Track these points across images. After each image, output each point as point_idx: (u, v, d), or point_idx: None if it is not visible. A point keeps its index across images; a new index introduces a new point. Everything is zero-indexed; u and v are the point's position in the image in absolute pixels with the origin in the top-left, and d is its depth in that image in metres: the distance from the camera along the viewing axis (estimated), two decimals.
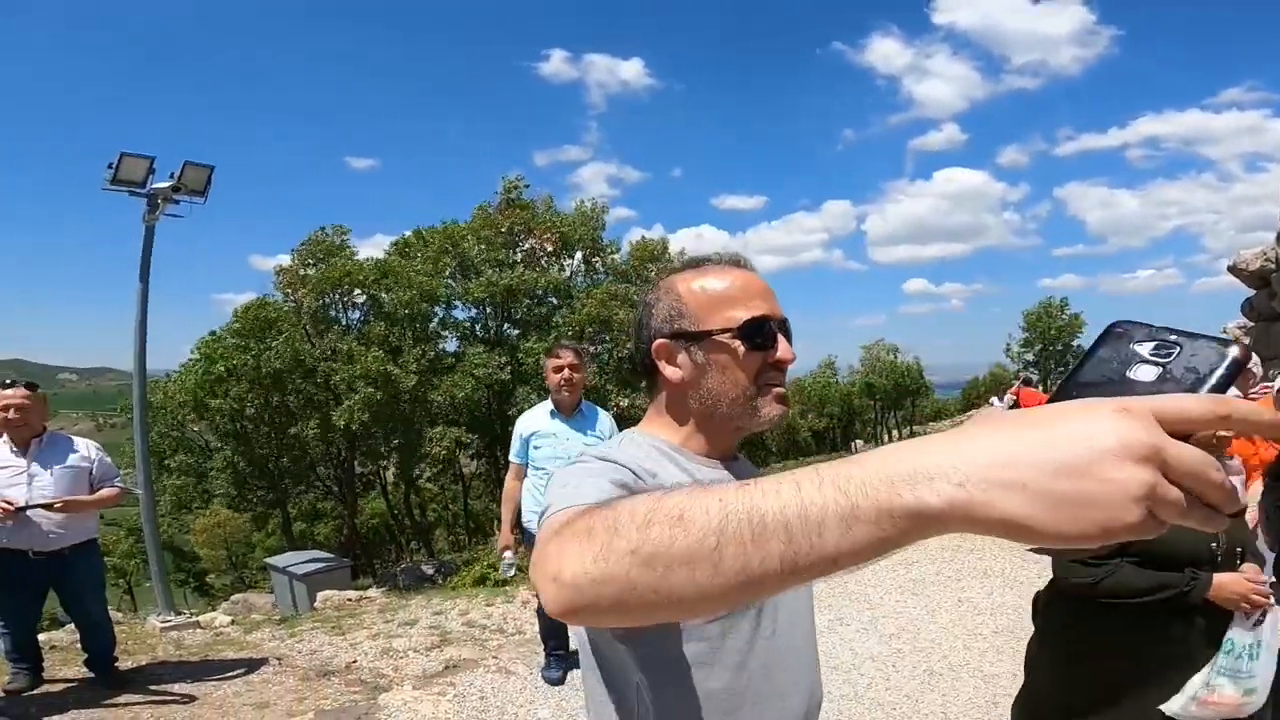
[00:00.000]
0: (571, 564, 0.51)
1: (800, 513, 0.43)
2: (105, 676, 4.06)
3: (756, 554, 0.44)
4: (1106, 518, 0.38)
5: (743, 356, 0.98)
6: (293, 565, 8.51)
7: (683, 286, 1.03)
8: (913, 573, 6.16)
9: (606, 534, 0.50)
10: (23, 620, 3.91)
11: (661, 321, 1.02)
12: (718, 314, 0.99)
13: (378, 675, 4.23)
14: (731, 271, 1.03)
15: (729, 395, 0.99)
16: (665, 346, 1.01)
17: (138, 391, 6.66)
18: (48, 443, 3.83)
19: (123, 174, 6.23)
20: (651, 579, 0.47)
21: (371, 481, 25.58)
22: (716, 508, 0.46)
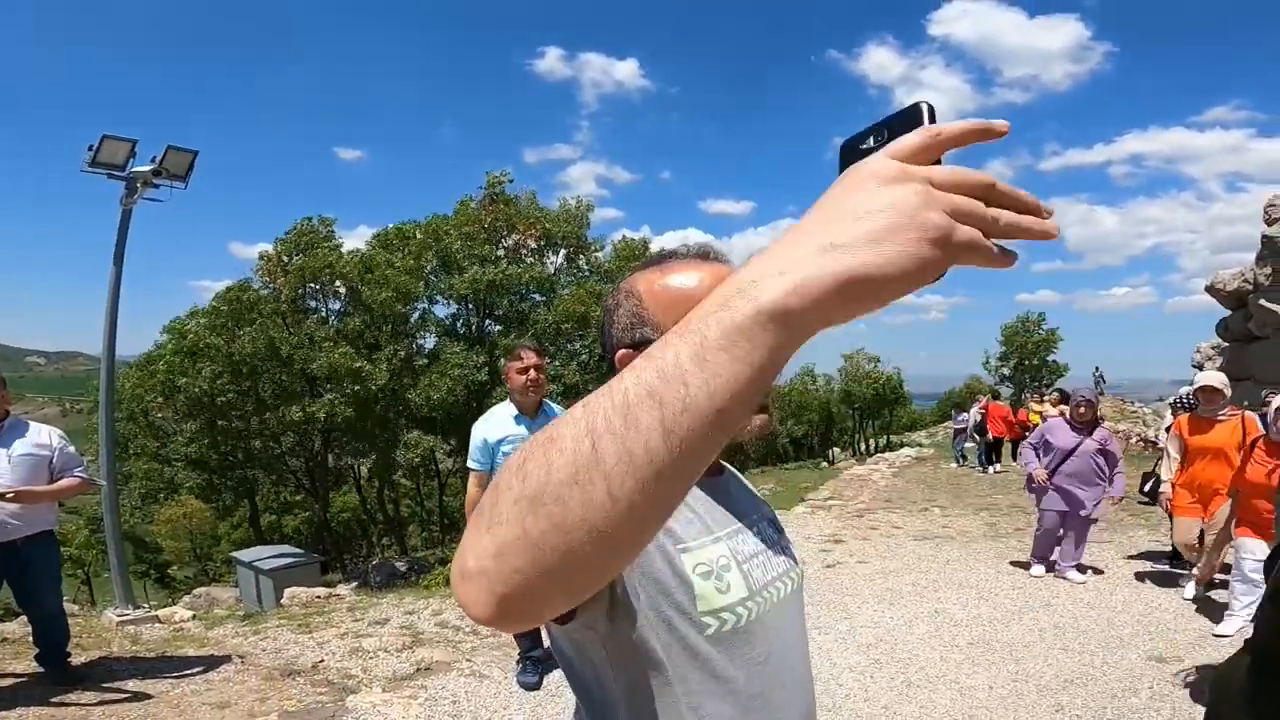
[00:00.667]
0: (470, 550, 0.44)
1: (658, 373, 0.40)
2: (57, 672, 3.90)
3: (635, 437, 0.40)
4: (917, 230, 0.39)
5: None
6: (259, 560, 8.33)
7: (644, 287, 0.90)
8: (890, 583, 6.15)
9: (490, 499, 0.44)
10: None
11: (623, 330, 0.90)
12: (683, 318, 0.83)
13: (345, 676, 4.10)
14: (699, 266, 0.89)
15: None
16: (628, 357, 0.88)
17: (105, 377, 6.46)
18: (7, 429, 3.66)
19: (103, 156, 6.10)
20: (548, 521, 0.41)
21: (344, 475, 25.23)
22: (580, 411, 0.42)
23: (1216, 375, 5.38)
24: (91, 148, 6.07)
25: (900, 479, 12.36)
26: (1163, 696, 3.80)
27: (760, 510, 1.02)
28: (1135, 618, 5.06)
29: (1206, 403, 5.20)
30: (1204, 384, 5.24)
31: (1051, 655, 4.42)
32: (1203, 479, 5.13)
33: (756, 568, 0.90)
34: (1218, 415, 5.17)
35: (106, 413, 6.38)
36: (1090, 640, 4.66)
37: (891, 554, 7.19)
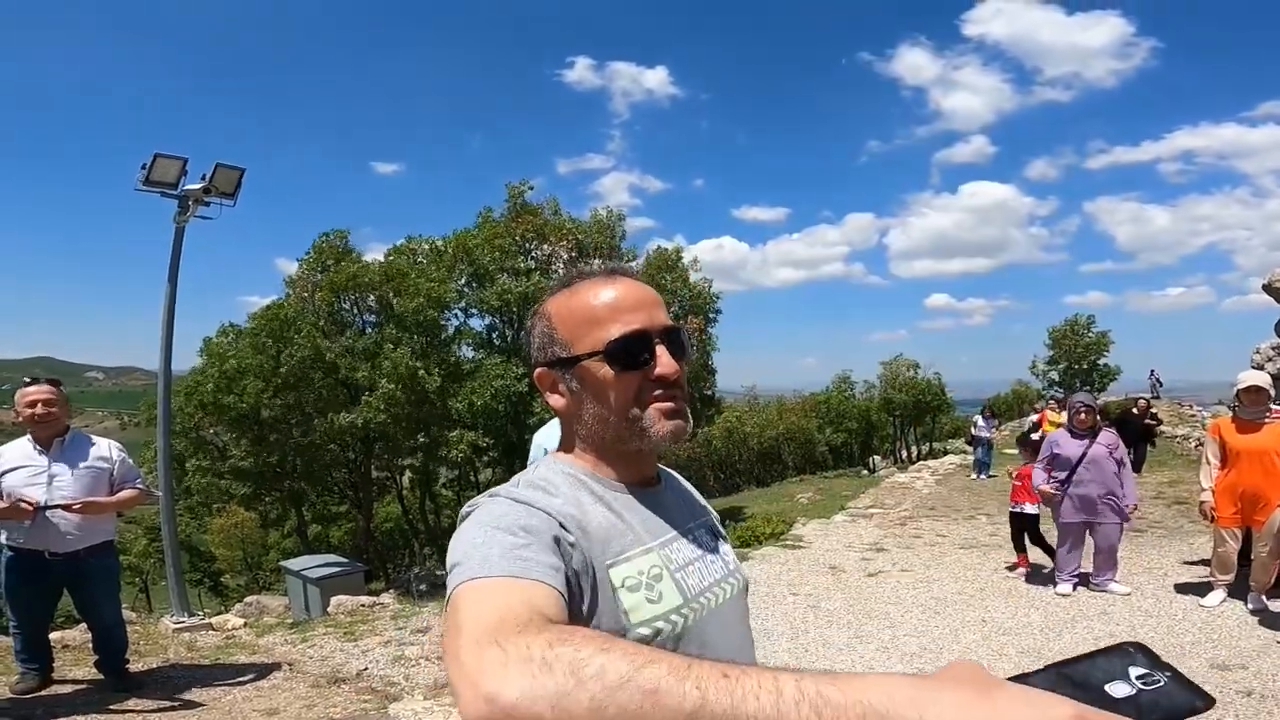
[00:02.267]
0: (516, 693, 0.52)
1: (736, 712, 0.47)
2: (116, 679, 4.01)
3: None
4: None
5: (615, 378, 0.89)
6: (307, 569, 8.50)
7: (553, 308, 0.94)
8: (934, 591, 6.01)
9: (568, 678, 0.51)
10: (35, 620, 3.87)
11: (538, 349, 0.95)
12: (588, 335, 0.90)
13: (389, 684, 4.17)
14: (604, 284, 0.93)
15: (610, 420, 0.91)
16: (545, 375, 0.95)
17: (162, 392, 6.67)
18: (70, 442, 3.79)
19: (156, 175, 6.27)
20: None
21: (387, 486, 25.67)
22: (694, 698, 0.48)
23: (1261, 375, 5.14)
24: (144, 166, 6.25)
25: (944, 487, 12.10)
26: (1225, 704, 3.65)
27: (698, 517, 1.03)
28: (1196, 625, 4.87)
29: (1250, 404, 4.97)
30: (1248, 384, 4.99)
31: None
32: (1246, 485, 4.87)
33: (691, 575, 0.91)
34: (1264, 418, 4.94)
35: (164, 426, 6.59)
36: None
37: (936, 562, 7.04)
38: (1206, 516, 5.13)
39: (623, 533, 0.87)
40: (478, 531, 0.77)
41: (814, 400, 35.09)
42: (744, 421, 35.61)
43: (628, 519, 0.89)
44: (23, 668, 3.90)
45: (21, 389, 3.79)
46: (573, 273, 0.98)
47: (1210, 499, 5.05)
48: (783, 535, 8.80)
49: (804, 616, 5.42)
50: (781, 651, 4.65)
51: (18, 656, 3.93)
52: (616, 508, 0.90)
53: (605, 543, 0.84)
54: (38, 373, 4.29)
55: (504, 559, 0.72)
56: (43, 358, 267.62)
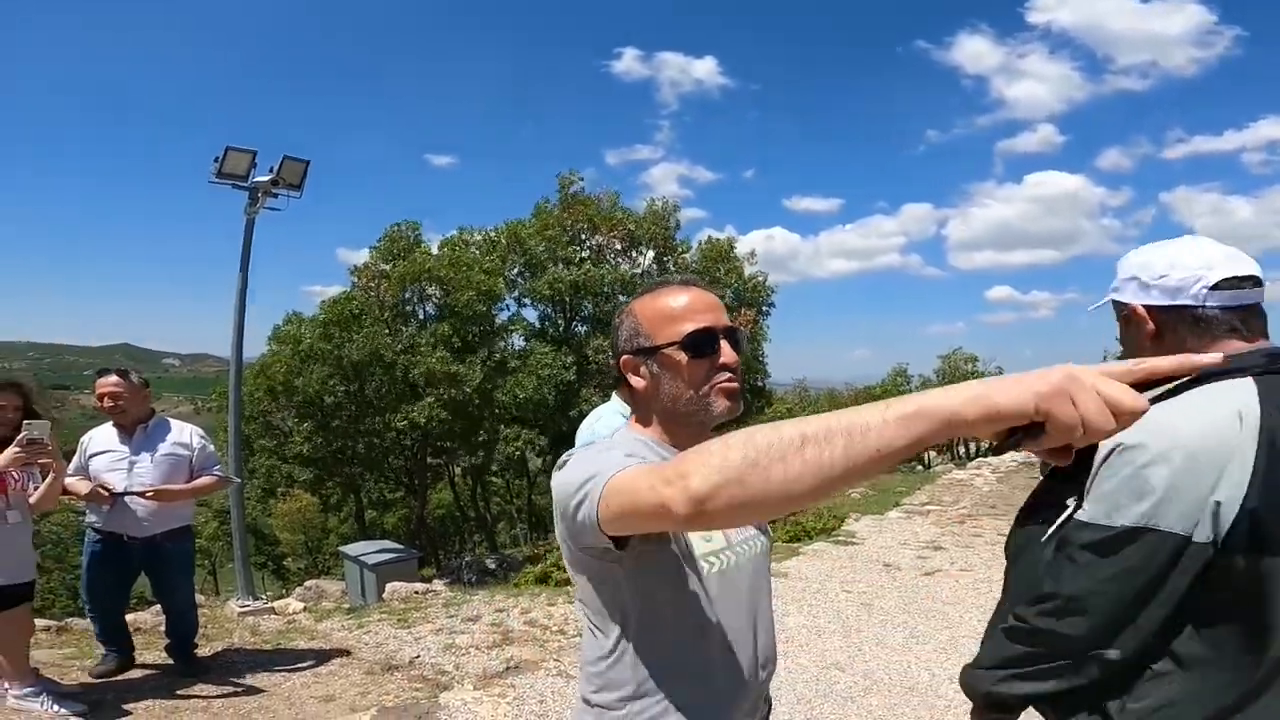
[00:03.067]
0: (697, 471, 0.75)
1: (860, 421, 0.68)
2: (184, 663, 4.14)
3: (828, 450, 0.68)
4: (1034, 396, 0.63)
5: (688, 364, 1.13)
6: (364, 555, 8.73)
7: (639, 308, 1.19)
8: (995, 592, 5.74)
9: (721, 450, 0.74)
10: (113, 602, 4.01)
11: (625, 341, 1.19)
12: (667, 329, 1.14)
13: (440, 672, 4.23)
14: (682, 291, 1.17)
15: (682, 398, 1.15)
16: (629, 361, 1.18)
17: (233, 378, 6.88)
18: (153, 429, 3.91)
19: (227, 167, 6.47)
20: (758, 476, 0.71)
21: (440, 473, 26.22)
22: (799, 423, 0.71)
23: None
24: (217, 159, 6.45)
25: (1005, 484, 11.68)
26: None
27: None
28: None
29: None
30: None
31: None
32: None
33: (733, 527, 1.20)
34: None
35: (235, 411, 6.79)
36: None
37: (997, 562, 6.76)
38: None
39: None
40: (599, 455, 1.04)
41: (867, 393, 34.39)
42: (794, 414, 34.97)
43: None
44: (105, 651, 4.05)
45: (97, 380, 3.94)
46: (655, 280, 1.25)
47: None
48: (834, 531, 8.62)
49: (857, 615, 5.30)
50: (834, 650, 4.55)
51: (98, 639, 4.09)
52: None
53: None
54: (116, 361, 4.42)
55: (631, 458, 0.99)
56: (121, 344, 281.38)
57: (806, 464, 0.68)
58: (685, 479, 0.75)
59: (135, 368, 4.08)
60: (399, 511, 29.24)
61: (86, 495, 3.70)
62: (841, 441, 0.67)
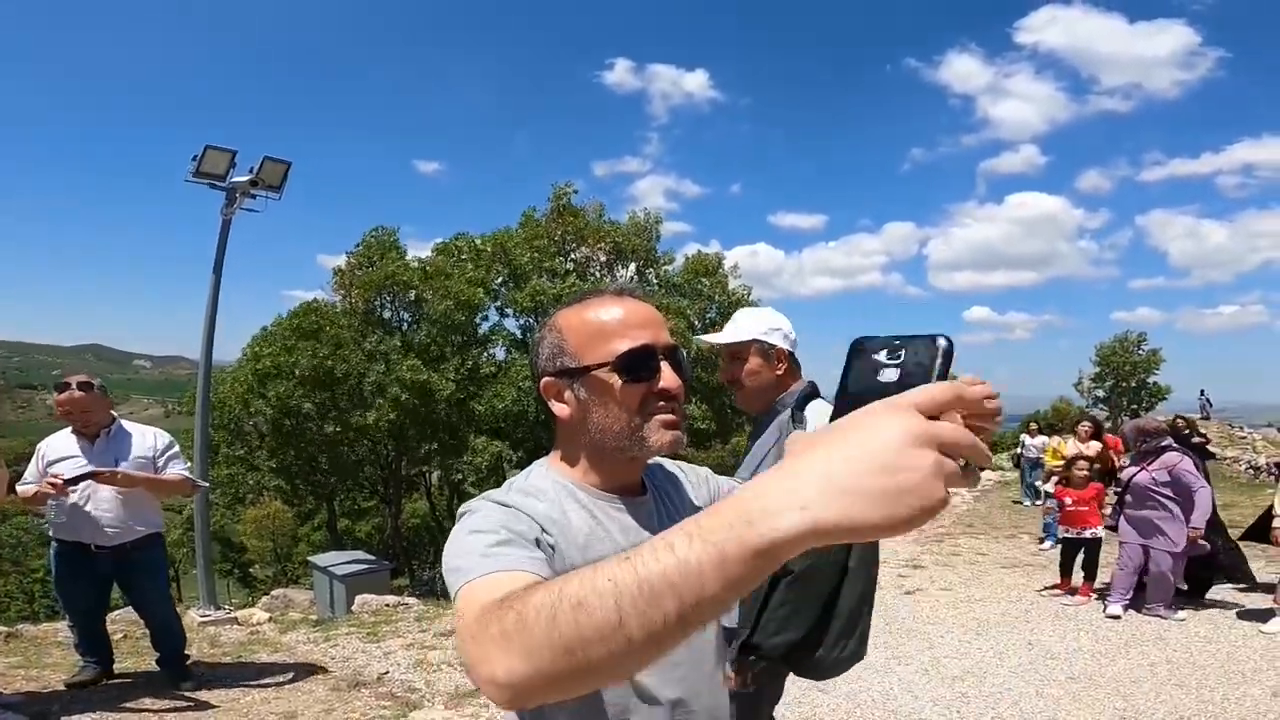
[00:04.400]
0: (502, 669, 0.59)
1: (681, 571, 0.50)
2: (180, 678, 3.95)
3: (656, 614, 0.51)
4: (919, 498, 0.46)
5: (621, 389, 0.96)
6: (334, 565, 8.48)
7: (564, 322, 1.01)
8: (975, 611, 5.76)
9: (521, 636, 0.58)
10: (87, 613, 3.83)
11: (546, 359, 1.01)
12: (597, 348, 0.97)
13: (409, 690, 4.07)
14: (614, 302, 1.00)
15: (613, 429, 0.97)
16: (551, 384, 1.01)
17: (202, 382, 6.67)
18: (114, 434, 3.71)
19: (205, 166, 6.30)
20: (573, 663, 0.55)
21: (416, 483, 25.85)
22: (609, 588, 0.53)
23: None
24: (195, 158, 6.28)
25: (982, 503, 11.71)
26: None
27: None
28: (1258, 652, 4.61)
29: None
30: None
31: (1165, 692, 4.03)
32: None
33: None
34: None
35: (203, 417, 6.58)
36: (1209, 676, 4.25)
37: (977, 581, 6.76)
38: (1277, 543, 4.87)
39: (601, 538, 0.97)
40: (467, 537, 0.85)
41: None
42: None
43: (608, 526, 0.98)
44: (82, 660, 3.88)
45: (55, 391, 3.75)
46: (586, 290, 1.08)
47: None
48: None
49: None
50: None
51: (76, 648, 3.92)
52: (598, 515, 0.99)
53: (585, 547, 0.94)
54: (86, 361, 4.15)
55: (486, 559, 0.79)
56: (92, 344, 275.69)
57: (631, 641, 0.52)
58: (489, 664, 0.60)
59: (91, 375, 3.84)
60: (372, 521, 28.77)
61: (35, 496, 3.47)
62: (672, 603, 0.51)
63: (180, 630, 4.10)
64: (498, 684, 0.59)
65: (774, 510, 0.48)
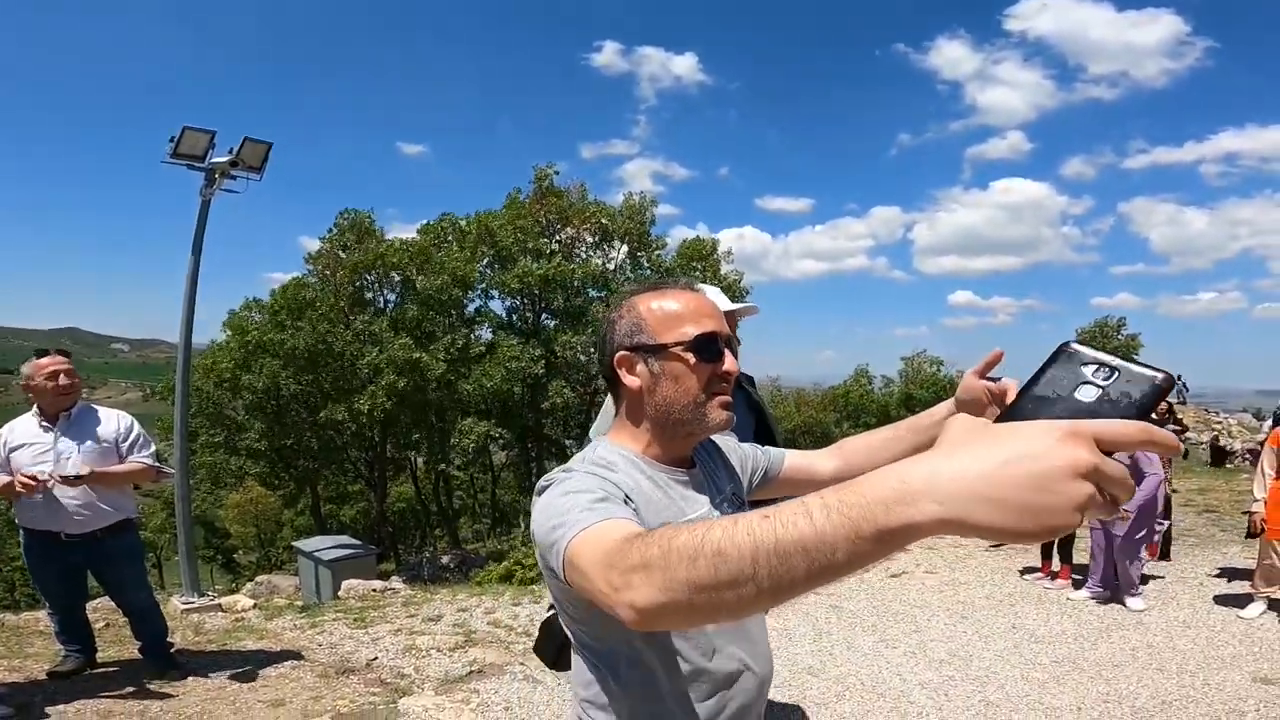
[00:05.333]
0: (642, 595, 0.68)
1: (816, 539, 0.57)
2: (165, 666, 3.88)
3: (785, 572, 0.59)
4: (1054, 521, 0.49)
5: (693, 367, 1.09)
6: (320, 550, 8.44)
7: (643, 305, 1.14)
8: (960, 595, 5.82)
9: (663, 571, 0.67)
10: (64, 602, 3.75)
11: (623, 336, 1.13)
12: (673, 330, 1.10)
13: (399, 675, 4.04)
14: (686, 293, 1.14)
15: (680, 402, 1.10)
16: (626, 357, 1.12)
17: (181, 366, 6.55)
18: (77, 416, 3.59)
19: (184, 147, 6.16)
20: (707, 600, 0.64)
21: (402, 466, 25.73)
22: (747, 542, 0.61)
23: None
24: (173, 139, 6.14)
25: None
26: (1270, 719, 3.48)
27: (723, 492, 1.21)
28: (1236, 637, 4.68)
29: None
30: None
31: (1146, 676, 4.09)
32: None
33: None
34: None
35: (182, 401, 6.47)
36: (1189, 661, 4.31)
37: (961, 564, 6.82)
38: (1256, 528, 4.93)
39: (667, 506, 1.09)
40: (564, 498, 0.94)
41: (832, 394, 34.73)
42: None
43: (671, 494, 1.11)
44: (64, 650, 3.81)
45: (34, 361, 3.59)
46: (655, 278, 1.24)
47: (1262, 510, 4.85)
48: None
49: (826, 618, 5.25)
50: (805, 654, 4.48)
51: (57, 638, 3.84)
52: (661, 485, 1.11)
53: (656, 513, 1.04)
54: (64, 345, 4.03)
55: (592, 512, 0.88)
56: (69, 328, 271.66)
57: (761, 591, 0.61)
58: (631, 591, 0.70)
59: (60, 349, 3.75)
60: (358, 505, 28.63)
61: (9, 490, 3.37)
62: (803, 565, 0.58)
63: (161, 617, 4.02)
64: (635, 608, 0.69)
65: (911, 498, 0.52)
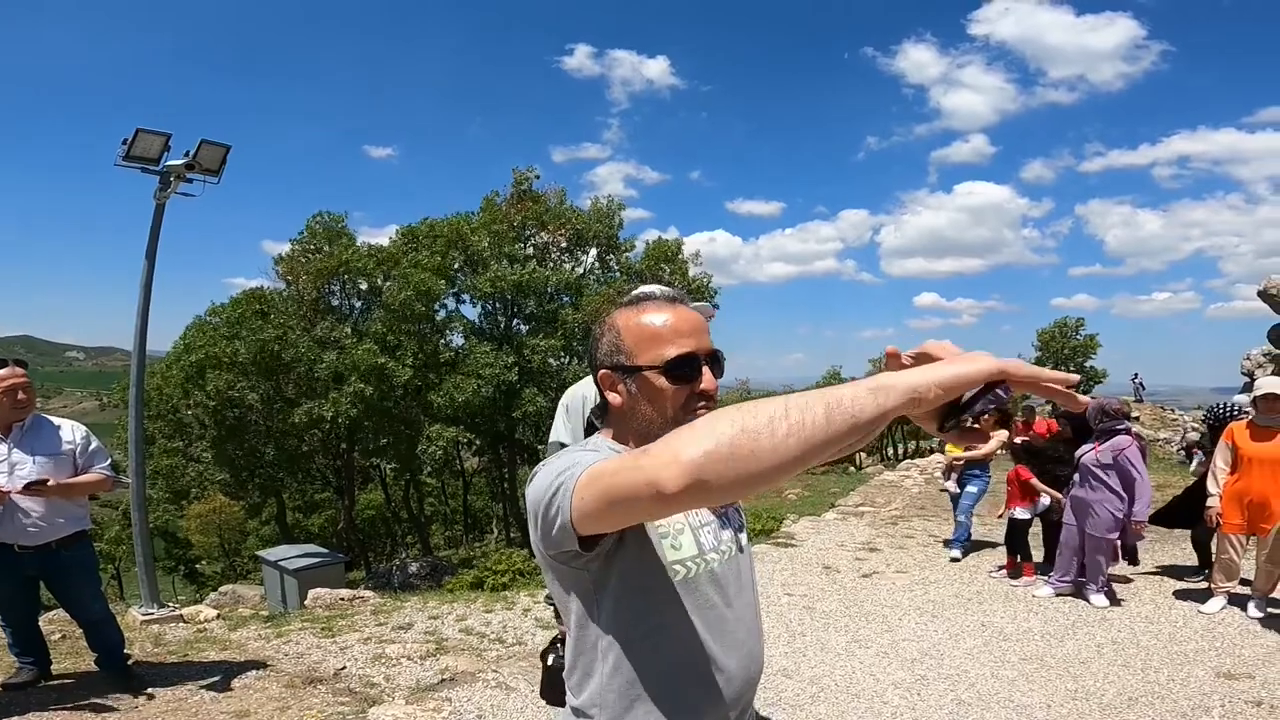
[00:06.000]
0: (686, 447, 0.78)
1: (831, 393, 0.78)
2: (121, 678, 3.77)
3: (809, 414, 0.76)
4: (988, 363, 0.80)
5: (667, 389, 1.09)
6: (285, 559, 8.25)
7: (622, 322, 1.13)
8: (931, 594, 5.88)
9: (707, 424, 0.79)
10: (18, 614, 3.65)
11: (604, 354, 1.14)
12: (649, 350, 1.10)
13: (368, 685, 3.96)
14: (666, 309, 1.12)
15: (658, 421, 1.10)
16: (608, 377, 1.14)
17: (135, 374, 6.39)
18: (30, 427, 3.51)
19: (137, 150, 6.01)
20: (747, 443, 0.75)
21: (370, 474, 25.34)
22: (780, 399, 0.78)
23: (1278, 381, 5.04)
24: (125, 141, 5.99)
25: (933, 486, 11.99)
26: (1235, 714, 3.58)
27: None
28: (1199, 633, 4.78)
29: (1267, 411, 4.87)
30: (1266, 391, 4.90)
31: (1112, 672, 4.17)
32: (1256, 492, 4.80)
33: (706, 535, 1.16)
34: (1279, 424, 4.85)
35: (136, 411, 6.30)
36: (1153, 657, 4.40)
37: (930, 564, 6.91)
38: (1212, 523, 5.04)
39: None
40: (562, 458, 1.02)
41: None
42: None
43: None
44: (18, 662, 3.70)
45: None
46: (639, 293, 1.21)
47: (1217, 505, 4.96)
48: (774, 532, 8.65)
49: (800, 618, 5.27)
50: (780, 655, 4.49)
51: (10, 650, 3.73)
52: None
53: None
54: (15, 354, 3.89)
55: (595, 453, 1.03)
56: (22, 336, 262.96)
57: (791, 429, 0.75)
58: (674, 451, 0.78)
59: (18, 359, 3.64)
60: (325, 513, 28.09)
61: None
62: (821, 408, 0.75)
63: (117, 629, 3.93)
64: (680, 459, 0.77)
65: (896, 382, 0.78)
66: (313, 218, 20.87)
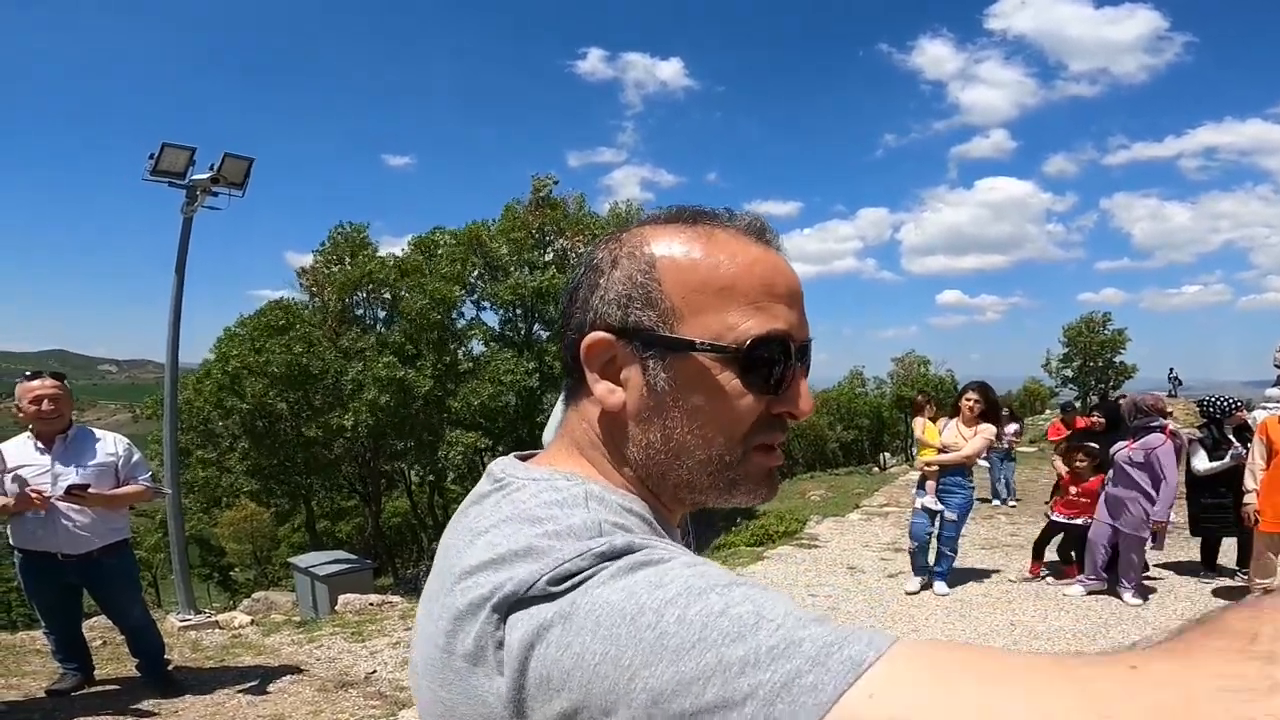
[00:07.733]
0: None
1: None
2: (161, 683, 3.88)
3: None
4: None
5: (738, 394, 0.56)
6: (315, 566, 8.38)
7: (661, 249, 0.59)
8: (958, 594, 5.83)
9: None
10: (62, 621, 3.76)
11: (613, 301, 0.58)
12: (711, 313, 0.57)
13: (398, 689, 4.03)
14: (747, 247, 0.59)
15: (698, 452, 0.57)
16: (607, 345, 0.58)
17: (169, 386, 6.56)
18: (73, 439, 3.62)
19: (163, 164, 6.18)
20: None
21: (396, 480, 25.62)
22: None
23: None
24: (152, 156, 6.15)
25: None
26: None
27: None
28: None
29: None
30: None
31: None
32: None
33: None
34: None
35: (171, 422, 6.47)
36: None
37: (957, 562, 6.84)
38: (1249, 521, 4.91)
39: None
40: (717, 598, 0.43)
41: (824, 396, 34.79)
42: None
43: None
44: (62, 668, 3.82)
45: (23, 383, 3.59)
46: (698, 210, 0.62)
47: (1255, 502, 4.81)
48: (797, 534, 8.62)
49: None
50: None
51: (54, 656, 3.85)
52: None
53: None
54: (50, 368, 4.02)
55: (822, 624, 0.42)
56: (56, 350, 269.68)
57: None
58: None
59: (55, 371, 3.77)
60: (353, 520, 28.47)
61: (17, 506, 3.38)
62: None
63: (157, 634, 4.03)
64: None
65: None
66: (335, 228, 21.17)
